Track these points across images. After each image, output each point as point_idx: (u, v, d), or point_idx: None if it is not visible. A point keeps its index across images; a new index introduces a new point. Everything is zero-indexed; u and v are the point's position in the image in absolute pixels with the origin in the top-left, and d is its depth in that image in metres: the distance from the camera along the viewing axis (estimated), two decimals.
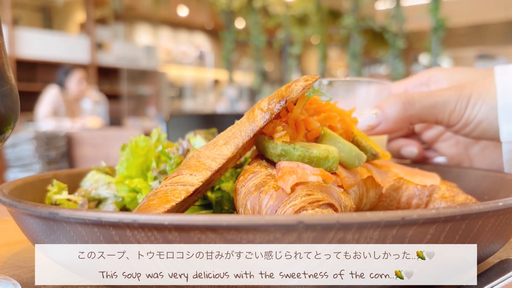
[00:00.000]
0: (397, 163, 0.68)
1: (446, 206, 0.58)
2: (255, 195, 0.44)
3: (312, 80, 0.49)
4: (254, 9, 8.11)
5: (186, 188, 0.48)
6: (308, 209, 0.41)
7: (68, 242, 0.41)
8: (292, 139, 0.51)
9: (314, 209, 0.42)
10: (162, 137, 0.67)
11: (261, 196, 0.43)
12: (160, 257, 0.37)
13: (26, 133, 3.60)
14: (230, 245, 0.35)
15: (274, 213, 0.42)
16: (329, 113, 0.54)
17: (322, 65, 7.87)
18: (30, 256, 0.57)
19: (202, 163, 0.50)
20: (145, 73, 9.08)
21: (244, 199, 0.45)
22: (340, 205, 0.45)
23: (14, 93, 0.49)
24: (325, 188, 0.44)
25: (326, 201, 0.42)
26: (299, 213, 0.41)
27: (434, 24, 6.33)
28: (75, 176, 0.71)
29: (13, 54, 6.81)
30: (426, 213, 0.35)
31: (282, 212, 0.42)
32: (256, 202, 0.43)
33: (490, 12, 9.95)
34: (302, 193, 0.42)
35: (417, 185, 0.59)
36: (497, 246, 0.45)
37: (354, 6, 7.24)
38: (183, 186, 0.48)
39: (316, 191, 0.43)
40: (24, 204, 0.43)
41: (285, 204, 0.42)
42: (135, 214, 0.36)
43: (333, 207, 0.43)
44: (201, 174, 0.49)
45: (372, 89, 0.78)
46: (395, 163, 0.66)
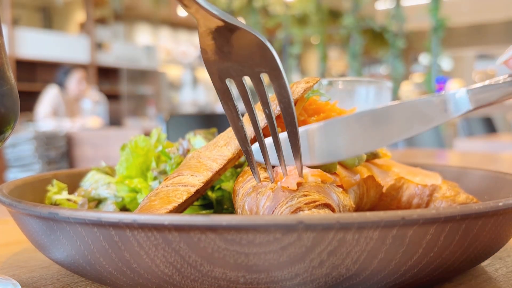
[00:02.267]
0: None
1: (447, 205, 0.58)
2: (253, 196, 0.44)
3: (313, 82, 0.50)
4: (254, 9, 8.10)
5: (188, 189, 0.48)
6: (304, 210, 0.42)
7: (68, 242, 0.41)
8: None
9: (310, 209, 0.42)
10: (162, 137, 0.67)
11: (258, 197, 0.44)
12: (160, 257, 0.37)
13: (26, 133, 3.60)
14: (230, 245, 0.35)
15: (271, 213, 0.42)
16: (328, 113, 0.54)
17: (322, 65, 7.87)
18: (30, 256, 0.57)
19: (203, 164, 0.50)
20: (145, 73, 9.07)
21: (242, 200, 0.45)
22: (339, 205, 0.45)
23: (14, 93, 0.49)
24: (322, 189, 0.45)
25: (322, 202, 0.43)
26: (296, 213, 0.41)
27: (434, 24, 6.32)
28: (75, 176, 0.71)
29: (13, 54, 6.80)
30: (426, 213, 0.35)
31: (279, 213, 0.42)
32: (254, 203, 0.44)
33: (490, 12, 9.95)
34: (299, 194, 0.43)
35: (417, 185, 0.59)
36: (497, 246, 0.45)
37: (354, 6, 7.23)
38: (185, 187, 0.48)
39: (313, 191, 0.43)
40: (24, 204, 0.43)
41: (281, 205, 0.42)
42: (135, 215, 0.36)
43: (330, 207, 0.43)
44: (202, 175, 0.49)
45: (372, 89, 0.78)
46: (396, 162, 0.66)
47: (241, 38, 0.38)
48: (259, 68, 0.39)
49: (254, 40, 0.38)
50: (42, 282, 0.47)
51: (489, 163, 1.72)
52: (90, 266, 0.41)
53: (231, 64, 0.39)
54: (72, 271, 0.45)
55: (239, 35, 0.38)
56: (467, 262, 0.42)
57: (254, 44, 0.38)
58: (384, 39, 7.49)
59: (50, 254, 0.45)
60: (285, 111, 0.41)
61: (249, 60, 0.39)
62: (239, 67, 0.39)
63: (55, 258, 0.45)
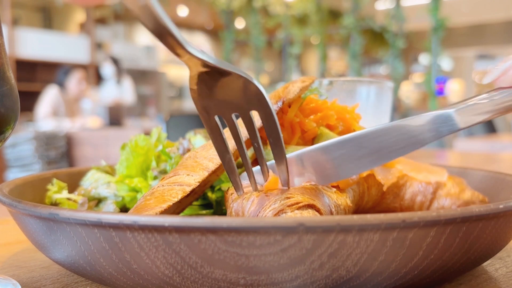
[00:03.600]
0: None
1: (451, 203, 0.57)
2: (239, 202, 0.45)
3: (309, 81, 0.50)
4: (254, 9, 8.10)
5: (183, 188, 0.48)
6: (287, 212, 0.42)
7: (68, 243, 0.41)
8: (287, 142, 0.51)
9: (293, 211, 0.42)
10: (162, 137, 0.67)
11: (244, 202, 0.44)
12: (161, 258, 0.37)
13: (26, 133, 3.60)
14: (230, 246, 0.35)
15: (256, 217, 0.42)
16: (326, 112, 0.54)
17: (322, 65, 7.87)
18: (30, 256, 0.57)
19: (199, 164, 0.50)
20: (145, 73, 9.07)
21: (230, 205, 0.46)
22: (330, 205, 0.45)
23: (14, 93, 0.49)
24: (309, 190, 0.44)
25: (306, 203, 0.42)
26: (278, 216, 0.41)
27: (434, 24, 6.33)
28: (75, 175, 0.71)
29: (13, 54, 6.80)
30: (427, 215, 0.35)
31: (262, 216, 0.42)
32: (240, 208, 0.44)
33: (490, 12, 9.95)
34: (282, 197, 0.43)
35: (421, 182, 0.58)
36: (498, 248, 0.45)
37: (354, 6, 7.23)
38: (180, 186, 0.48)
39: (296, 193, 0.43)
40: (24, 204, 0.43)
41: (265, 208, 0.42)
42: (135, 216, 0.36)
43: (315, 208, 0.43)
44: (198, 175, 0.49)
45: (373, 89, 0.78)
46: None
47: (232, 81, 0.39)
48: (249, 106, 0.40)
49: (245, 81, 0.39)
50: (42, 282, 0.47)
51: (489, 163, 1.72)
52: (90, 266, 0.41)
53: (220, 101, 0.40)
54: (72, 271, 0.45)
55: (230, 78, 0.39)
56: (468, 264, 0.42)
57: (245, 85, 0.39)
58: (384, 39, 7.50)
59: (50, 254, 0.45)
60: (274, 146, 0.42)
61: (238, 99, 0.40)
62: (228, 105, 0.40)
63: (55, 258, 0.45)
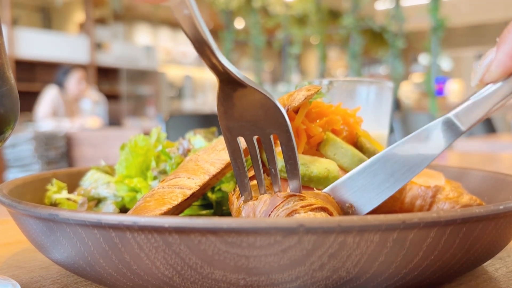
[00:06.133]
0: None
1: (449, 207, 0.57)
2: (249, 203, 0.44)
3: (315, 90, 0.50)
4: (253, 9, 8.10)
5: (183, 191, 0.48)
6: (300, 212, 0.42)
7: (68, 243, 0.41)
8: None
9: (306, 212, 0.42)
10: (162, 137, 0.67)
11: (255, 203, 0.44)
12: (161, 259, 0.37)
13: (26, 133, 3.60)
14: (230, 247, 0.35)
15: (267, 217, 0.42)
16: (331, 116, 0.54)
17: (322, 65, 7.87)
18: (30, 256, 0.57)
19: (201, 167, 0.50)
20: (145, 73, 9.07)
21: (239, 209, 0.45)
22: (337, 209, 0.45)
23: (14, 93, 0.49)
24: (319, 195, 0.45)
25: (319, 205, 0.43)
26: (291, 216, 0.41)
27: (433, 24, 6.32)
28: (74, 175, 0.71)
29: (12, 54, 6.80)
30: (427, 216, 0.35)
31: (275, 216, 0.42)
32: (250, 210, 0.44)
33: (489, 12, 9.95)
34: (295, 198, 0.43)
35: (420, 186, 0.58)
36: (498, 249, 0.45)
37: (354, 6, 7.23)
38: (181, 189, 0.48)
39: (310, 196, 0.44)
40: (24, 205, 0.43)
41: (278, 208, 0.42)
42: (135, 217, 0.36)
43: (328, 211, 0.43)
44: (199, 178, 0.49)
45: (373, 89, 0.78)
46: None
47: (257, 101, 0.42)
48: (270, 129, 0.43)
49: (268, 103, 0.42)
50: (41, 283, 0.47)
51: (489, 163, 1.72)
52: (90, 267, 0.41)
53: (243, 123, 0.43)
54: (72, 272, 0.45)
55: (256, 98, 0.42)
56: (468, 264, 0.42)
57: (268, 106, 0.42)
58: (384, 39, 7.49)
59: (49, 254, 0.45)
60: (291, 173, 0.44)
61: (261, 121, 0.43)
62: (251, 127, 0.43)
63: (55, 259, 0.45)
